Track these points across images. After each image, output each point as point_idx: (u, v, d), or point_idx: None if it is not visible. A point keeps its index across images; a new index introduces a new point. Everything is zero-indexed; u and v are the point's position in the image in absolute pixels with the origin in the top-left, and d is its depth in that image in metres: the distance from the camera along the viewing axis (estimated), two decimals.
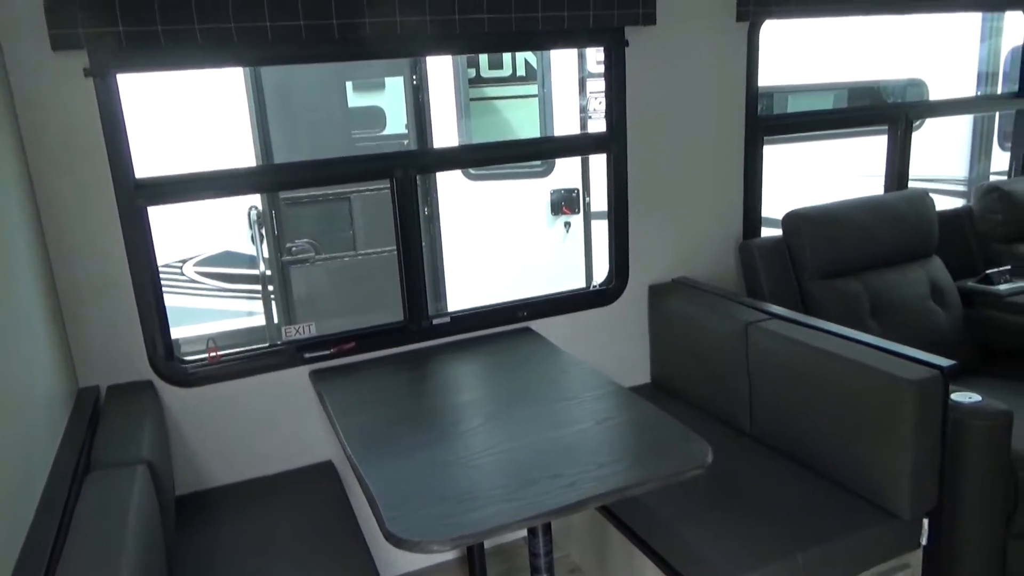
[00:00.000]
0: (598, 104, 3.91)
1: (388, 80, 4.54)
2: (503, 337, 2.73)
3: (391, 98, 4.53)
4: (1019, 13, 3.58)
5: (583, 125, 3.89)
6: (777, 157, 3.10)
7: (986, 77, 4.66)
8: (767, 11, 2.84)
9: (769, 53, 2.99)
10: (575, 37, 2.71)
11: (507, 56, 4.13)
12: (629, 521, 2.34)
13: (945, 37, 4.56)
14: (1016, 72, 3.77)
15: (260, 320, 4.09)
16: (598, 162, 3.29)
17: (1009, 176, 3.76)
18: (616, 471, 1.79)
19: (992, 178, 4.74)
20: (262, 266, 3.91)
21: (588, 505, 1.66)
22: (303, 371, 2.51)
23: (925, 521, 2.12)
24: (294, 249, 3.91)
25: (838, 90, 4.75)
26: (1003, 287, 3.01)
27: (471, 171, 3.97)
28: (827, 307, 2.84)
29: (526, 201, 4.03)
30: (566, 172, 3.95)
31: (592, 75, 3.84)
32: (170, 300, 2.41)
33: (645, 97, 2.79)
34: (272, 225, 3.83)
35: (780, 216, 3.01)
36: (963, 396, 2.12)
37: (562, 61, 3.91)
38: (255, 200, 3.93)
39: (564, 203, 3.96)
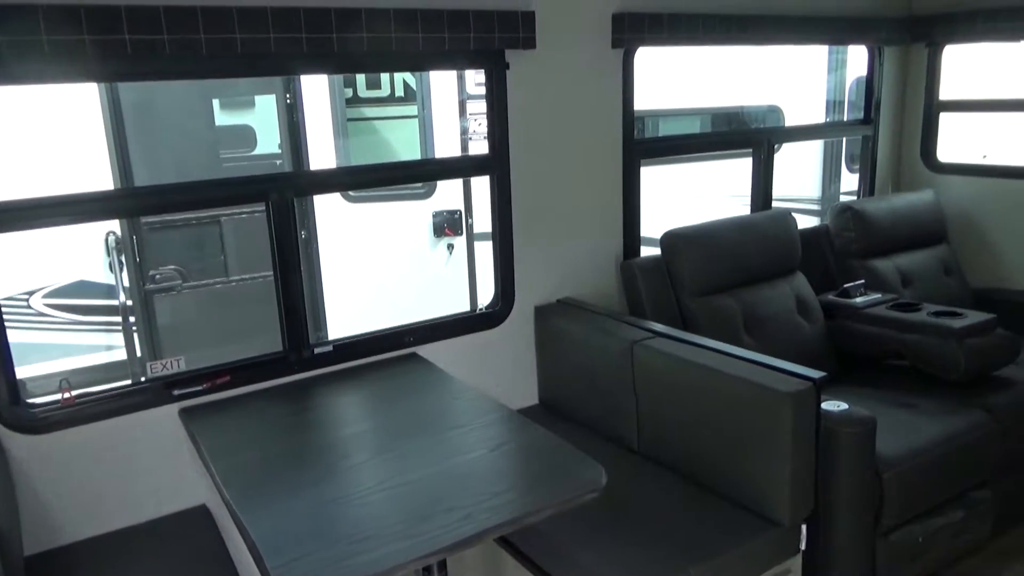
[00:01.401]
0: (478, 126, 3.92)
1: (259, 98, 4.36)
2: (389, 364, 2.64)
3: (262, 117, 4.36)
4: (862, 47, 3.89)
5: (464, 147, 3.88)
6: (648, 178, 3.20)
7: (834, 105, 5.05)
8: (640, 39, 2.93)
9: (642, 79, 3.09)
10: (456, 59, 2.69)
11: (385, 76, 4.06)
12: (524, 548, 2.31)
13: (797, 68, 4.90)
14: (861, 100, 4.10)
15: (121, 355, 3.78)
16: (480, 184, 3.29)
17: (859, 196, 4.07)
18: (512, 499, 1.75)
19: (842, 198, 5.12)
20: (122, 296, 3.62)
21: (486, 537, 1.61)
22: (172, 409, 2.32)
23: (803, 527, 2.21)
24: (158, 277, 3.66)
25: (703, 115, 5.00)
26: (859, 300, 3.23)
27: (350, 193, 3.86)
28: (705, 323, 2.94)
29: (408, 223, 3.97)
30: (448, 194, 3.92)
31: (472, 97, 3.84)
32: (14, 336, 2.17)
33: (527, 119, 2.81)
34: (133, 251, 3.56)
35: (651, 235, 3.11)
36: (832, 405, 2.24)
37: (442, 82, 3.89)
38: (113, 225, 3.64)
39: (447, 225, 3.92)
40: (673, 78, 4.57)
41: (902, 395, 2.87)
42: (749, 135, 3.70)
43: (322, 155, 3.81)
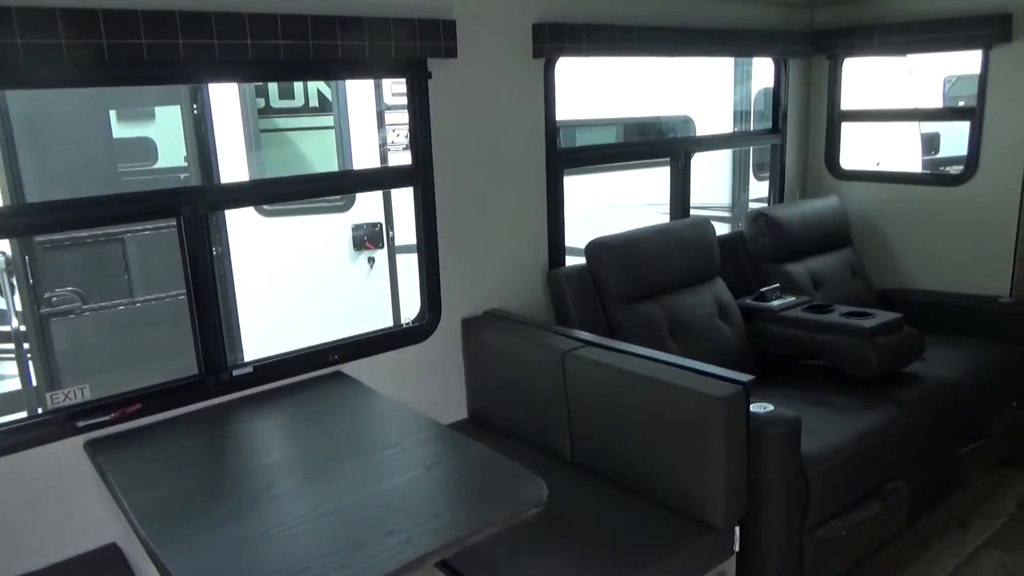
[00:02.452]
0: (397, 137, 3.85)
1: (160, 109, 4.16)
2: (313, 384, 2.54)
3: (164, 128, 4.15)
4: (768, 59, 4.04)
5: (383, 158, 3.80)
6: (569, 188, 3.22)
7: (741, 115, 5.23)
8: (560, 49, 2.94)
9: (562, 89, 3.10)
10: (377, 67, 2.63)
11: (298, 86, 3.94)
12: (462, 568, 2.24)
13: (706, 79, 5.05)
14: (766, 110, 4.25)
15: (15, 384, 3.50)
16: (400, 196, 3.22)
17: (769, 203, 4.21)
18: (453, 520, 1.70)
19: (751, 205, 5.30)
20: (14, 321, 3.35)
21: (429, 560, 1.55)
22: (76, 443, 2.15)
23: (737, 529, 2.24)
24: (55, 299, 3.40)
25: (619, 125, 5.08)
26: (775, 303, 3.34)
27: (265, 206, 3.71)
28: (631, 330, 2.97)
29: (326, 237, 3.85)
30: (367, 206, 3.83)
31: (390, 107, 3.77)
32: None
33: (450, 129, 2.77)
34: (26, 273, 3.30)
35: (573, 245, 3.12)
36: (759, 407, 2.29)
37: (358, 92, 3.80)
38: (2, 244, 3.37)
39: (367, 238, 3.82)
40: (591, 89, 4.63)
41: (819, 393, 2.97)
42: (668, 145, 3.78)
43: (233, 168, 3.65)
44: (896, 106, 6.01)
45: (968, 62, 6.34)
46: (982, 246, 3.66)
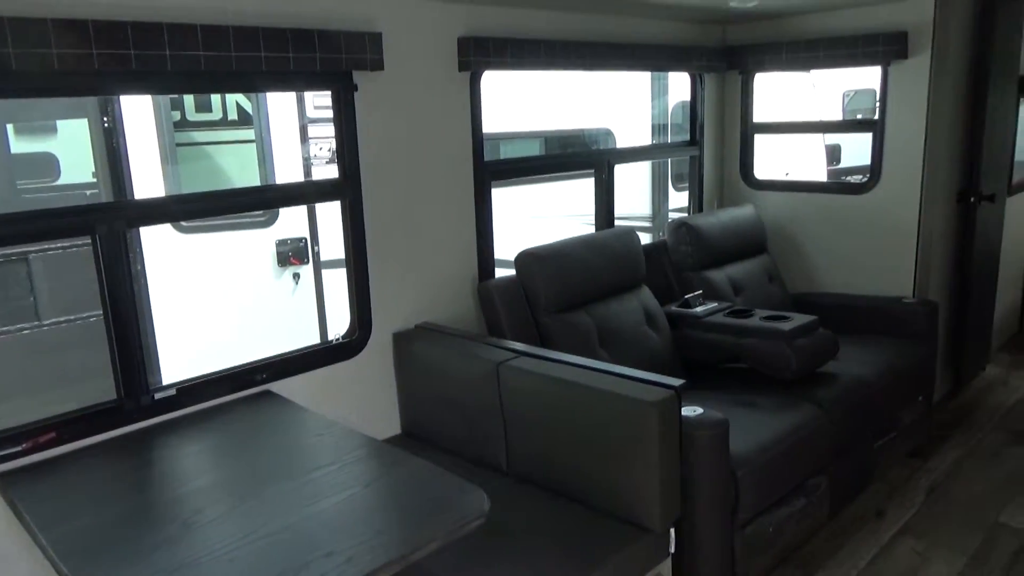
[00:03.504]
0: (320, 151, 3.79)
1: (63, 123, 3.96)
2: (241, 405, 2.46)
3: (68, 143, 3.95)
4: (685, 74, 4.18)
5: (307, 172, 3.73)
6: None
7: (658, 128, 5.38)
8: (485, 62, 2.97)
9: (487, 102, 3.12)
10: (301, 80, 2.58)
11: (216, 98, 3.83)
12: None
13: (626, 93, 5.18)
14: (683, 123, 4.40)
15: None
16: (325, 210, 3.16)
17: (689, 212, 4.34)
18: (395, 537, 1.67)
19: (670, 215, 5.46)
20: None
21: None
22: None
23: (672, 530, 2.29)
24: None
25: (543, 138, 5.15)
26: (699, 309, 3.44)
27: (183, 223, 3.58)
28: (562, 340, 3.00)
29: (248, 253, 3.74)
30: (292, 221, 3.74)
31: (313, 121, 3.70)
32: None
33: (378, 142, 2.75)
34: None
35: (502, 257, 3.13)
36: (689, 410, 2.35)
37: (280, 105, 3.72)
38: None
39: (292, 254, 3.74)
40: (516, 102, 4.68)
41: (743, 395, 3.07)
42: (591, 156, 3.85)
43: (148, 184, 3.51)
44: (803, 119, 6.32)
45: (864, 77, 6.75)
46: (887, 250, 3.87)
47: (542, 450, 2.45)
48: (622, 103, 5.21)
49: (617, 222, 3.77)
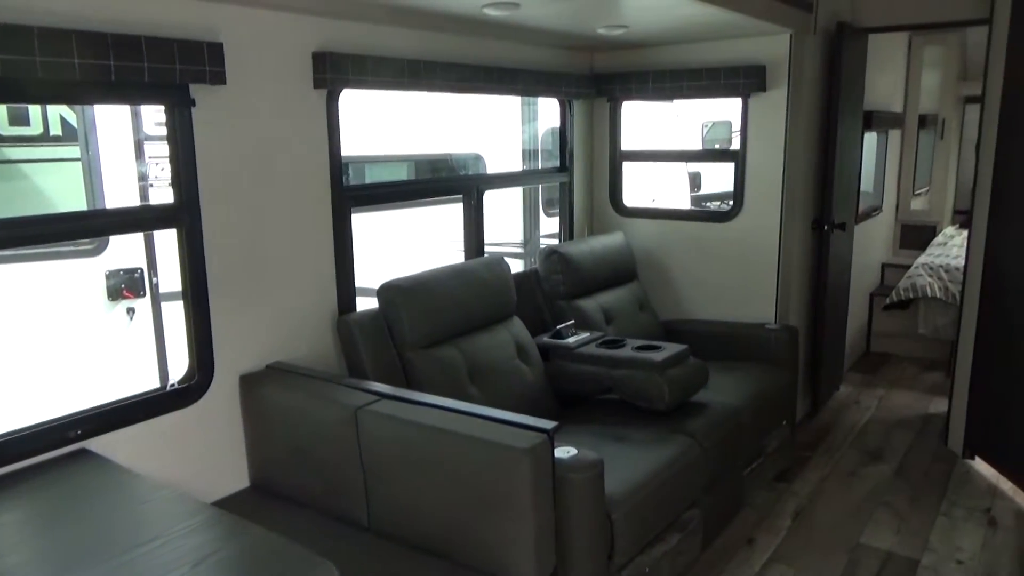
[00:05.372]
0: (161, 171, 3.41)
1: None
2: (51, 468, 2.10)
3: None
4: (554, 100, 4.13)
5: (144, 195, 3.35)
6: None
7: (529, 154, 5.32)
8: (343, 80, 2.76)
9: (349, 123, 2.91)
10: (127, 92, 2.27)
11: (36, 110, 3.38)
12: None
13: (496, 117, 5.09)
14: (553, 149, 4.34)
15: None
16: (167, 235, 2.82)
17: (560, 240, 4.28)
18: None
19: (542, 241, 5.40)
20: None
21: None
22: None
23: None
24: None
25: (411, 161, 4.97)
26: (571, 340, 3.34)
27: None
28: (429, 377, 2.81)
29: (72, 286, 3.29)
30: (126, 248, 3.34)
31: (151, 137, 3.34)
32: None
33: (221, 164, 2.47)
34: None
35: (366, 285, 2.92)
36: (562, 452, 2.22)
37: (112, 119, 3.32)
38: None
39: (125, 286, 3.33)
40: (383, 124, 4.47)
41: (616, 428, 2.98)
42: (460, 182, 3.71)
43: None
44: (667, 146, 6.48)
45: (721, 110, 7.05)
46: (750, 277, 3.96)
47: (406, 503, 2.24)
48: (493, 128, 5.11)
49: (489, 248, 3.64)
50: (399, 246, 4.82)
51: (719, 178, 7.27)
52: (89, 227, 2.55)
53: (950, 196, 6.89)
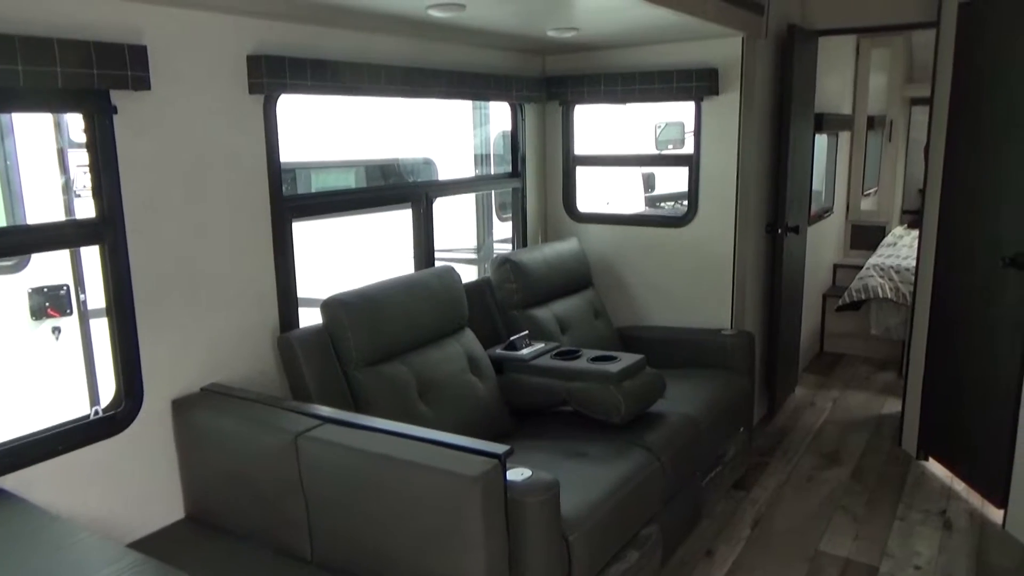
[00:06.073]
0: (90, 180, 3.21)
1: None
2: None
3: None
4: (505, 104, 4.02)
5: (69, 207, 3.14)
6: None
7: (481, 158, 5.21)
8: (281, 85, 2.62)
9: (293, 130, 2.77)
10: (38, 99, 2.09)
11: None
12: None
13: (447, 121, 4.97)
14: (507, 154, 4.24)
15: None
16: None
17: (513, 247, 4.18)
18: None
19: (496, 246, 5.30)
20: None
21: None
22: None
23: None
24: None
25: (360, 167, 4.81)
26: (526, 351, 3.25)
27: None
28: (377, 396, 2.69)
29: None
30: (49, 263, 3.13)
31: (77, 144, 3.13)
32: None
33: (147, 175, 2.31)
34: None
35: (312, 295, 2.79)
36: (516, 474, 2.12)
37: (33, 126, 3.11)
38: None
39: (49, 304, 3.13)
40: (329, 129, 4.32)
41: (573, 443, 2.89)
42: (407, 189, 3.58)
43: None
44: (621, 149, 6.44)
45: (673, 110, 7.04)
46: (706, 282, 3.91)
47: (351, 534, 2.11)
48: (445, 132, 4.99)
49: (441, 255, 3.52)
50: (350, 252, 4.68)
51: (673, 178, 7.27)
52: (4, 245, 2.35)
53: (898, 196, 7.00)
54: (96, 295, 3.12)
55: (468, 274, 4.35)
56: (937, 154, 3.69)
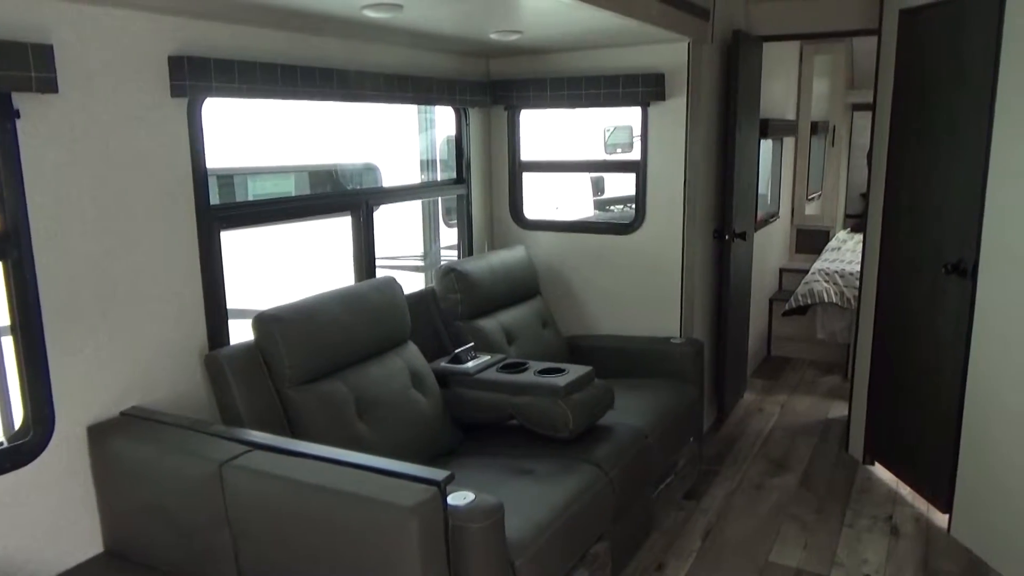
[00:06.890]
0: None
1: None
2: None
3: None
4: (449, 108, 3.92)
5: None
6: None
7: (427, 164, 5.09)
8: (206, 88, 2.47)
9: (228, 135, 2.62)
10: None
11: None
12: None
13: (391, 126, 4.84)
14: (451, 160, 4.13)
15: None
16: None
17: (459, 255, 4.07)
18: None
19: (443, 253, 5.18)
20: None
21: None
22: None
23: None
24: None
25: (299, 172, 4.65)
26: (471, 364, 3.14)
27: None
28: (312, 416, 2.55)
29: None
30: None
31: None
32: None
33: (57, 184, 2.14)
34: None
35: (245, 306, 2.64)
36: (458, 498, 2.01)
37: None
38: None
39: None
40: (266, 133, 4.15)
41: (518, 460, 2.80)
42: (346, 197, 3.44)
43: None
44: (569, 153, 6.38)
45: (621, 114, 7.02)
46: (654, 290, 3.86)
47: (281, 569, 1.98)
48: (389, 136, 4.85)
49: (387, 263, 3.39)
50: (287, 259, 4.51)
51: (622, 182, 7.25)
52: None
53: (842, 201, 7.11)
54: (3, 311, 2.92)
55: (415, 282, 4.22)
56: (880, 160, 3.71)
